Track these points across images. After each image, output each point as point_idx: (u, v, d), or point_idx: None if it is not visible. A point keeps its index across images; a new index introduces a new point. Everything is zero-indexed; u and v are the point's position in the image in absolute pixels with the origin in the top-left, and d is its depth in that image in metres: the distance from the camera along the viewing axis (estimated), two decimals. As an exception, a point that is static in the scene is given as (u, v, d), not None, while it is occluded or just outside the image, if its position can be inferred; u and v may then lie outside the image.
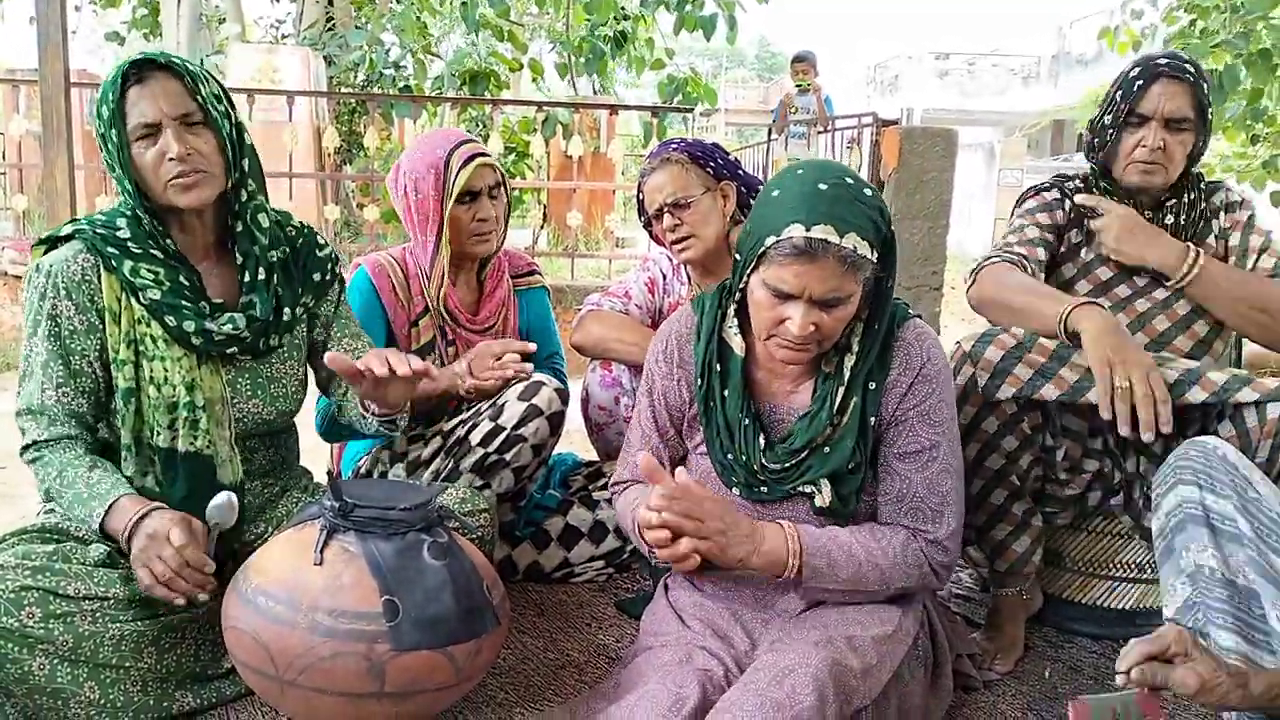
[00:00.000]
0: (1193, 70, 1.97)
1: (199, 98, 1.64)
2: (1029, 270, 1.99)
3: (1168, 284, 2.00)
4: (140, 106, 1.60)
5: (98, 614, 1.53)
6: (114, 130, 1.60)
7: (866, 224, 1.42)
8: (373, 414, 1.78)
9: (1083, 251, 2.11)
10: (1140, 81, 1.98)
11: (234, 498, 1.63)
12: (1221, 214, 2.08)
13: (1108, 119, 2.04)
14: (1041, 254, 2.06)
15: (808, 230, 1.39)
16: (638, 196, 2.46)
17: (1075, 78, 20.72)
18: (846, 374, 1.54)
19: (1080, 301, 1.77)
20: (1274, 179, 5.52)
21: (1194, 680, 1.17)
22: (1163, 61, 1.98)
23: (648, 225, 2.46)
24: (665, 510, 1.41)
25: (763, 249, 1.44)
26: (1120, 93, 2.01)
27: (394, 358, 1.61)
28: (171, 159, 1.60)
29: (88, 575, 1.55)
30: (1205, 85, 1.99)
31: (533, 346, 2.20)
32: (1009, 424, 1.83)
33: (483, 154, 2.18)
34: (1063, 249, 2.12)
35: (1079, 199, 2.09)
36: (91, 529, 1.59)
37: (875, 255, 1.45)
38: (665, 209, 2.34)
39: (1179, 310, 2.00)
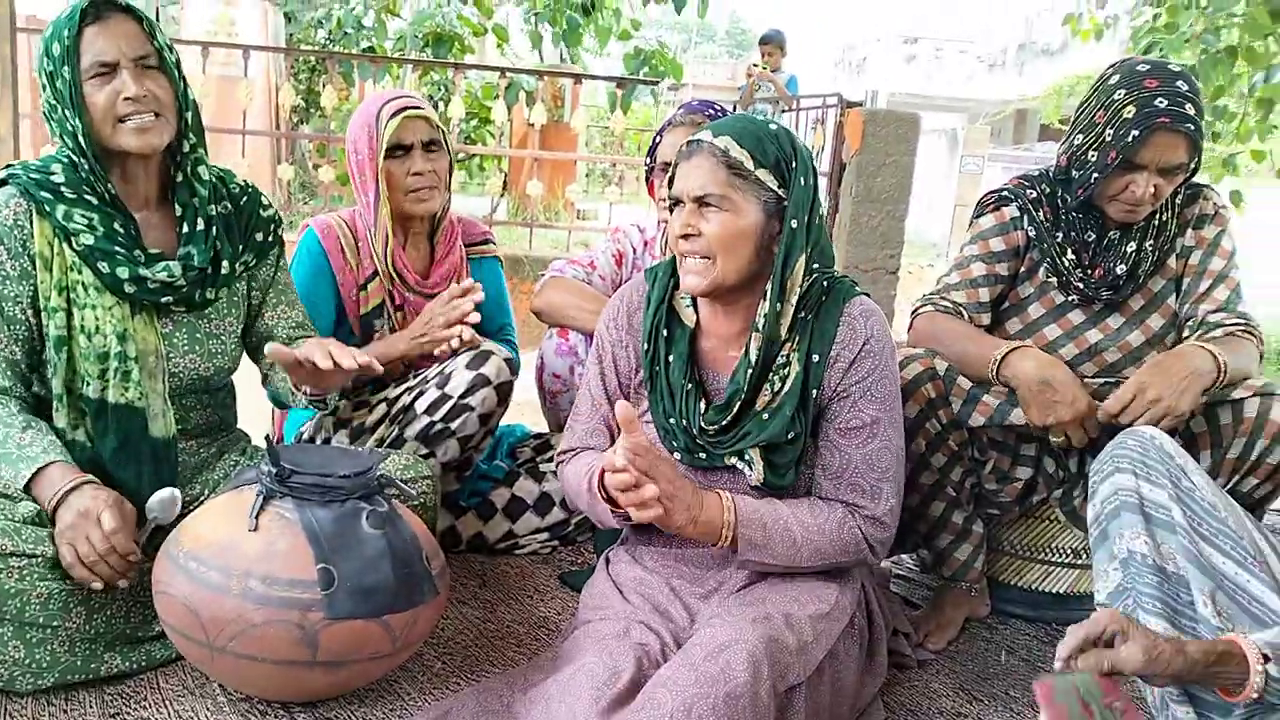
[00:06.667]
0: (1193, 108, 1.74)
1: (155, 42, 1.64)
2: (965, 318, 1.96)
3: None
4: (98, 45, 1.59)
5: (24, 571, 1.50)
6: (66, 67, 1.58)
7: (751, 140, 1.50)
8: (304, 393, 1.80)
9: (1040, 271, 2.00)
10: (1136, 132, 1.74)
11: (178, 494, 1.60)
12: (1189, 230, 1.93)
13: (1092, 156, 1.84)
14: (984, 295, 1.99)
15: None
16: (654, 139, 2.41)
17: (1040, 67, 20.88)
18: (760, 321, 1.52)
19: (1008, 350, 1.80)
20: (1232, 175, 5.56)
21: (1139, 654, 1.18)
22: (1162, 105, 1.73)
23: (649, 171, 2.43)
24: (630, 463, 1.41)
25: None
26: (1112, 134, 1.78)
27: (337, 350, 1.64)
28: (128, 98, 1.59)
29: (15, 532, 1.51)
30: (1200, 106, 1.76)
31: (474, 286, 2.13)
32: (934, 443, 1.88)
33: (413, 107, 2.13)
34: (1022, 268, 2.02)
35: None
36: (15, 489, 1.55)
37: (773, 180, 1.50)
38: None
39: (1132, 342, 1.94)
